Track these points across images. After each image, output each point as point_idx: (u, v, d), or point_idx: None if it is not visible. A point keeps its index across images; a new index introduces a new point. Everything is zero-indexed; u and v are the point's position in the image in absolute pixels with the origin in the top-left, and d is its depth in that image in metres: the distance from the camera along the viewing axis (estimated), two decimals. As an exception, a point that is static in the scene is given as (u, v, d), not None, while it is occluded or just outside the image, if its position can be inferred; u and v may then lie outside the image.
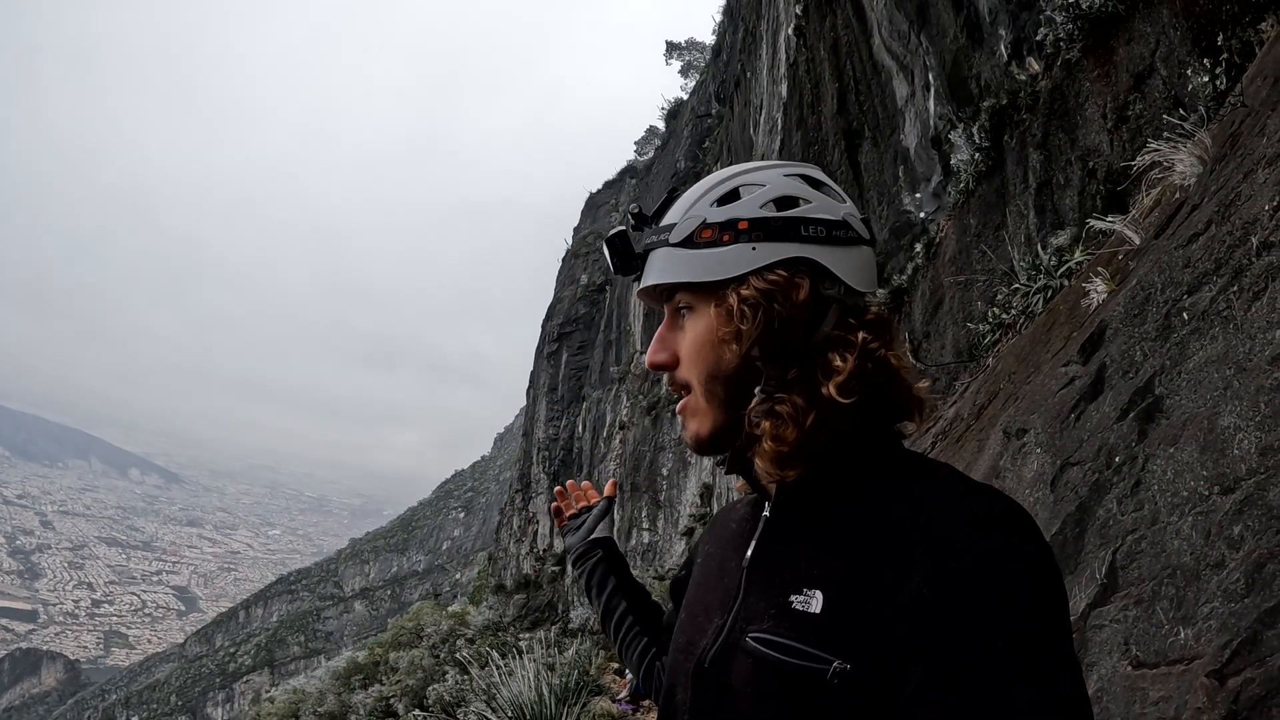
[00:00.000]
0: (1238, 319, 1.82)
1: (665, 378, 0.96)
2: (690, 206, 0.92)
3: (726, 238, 0.89)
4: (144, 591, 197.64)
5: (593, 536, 1.47)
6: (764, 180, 0.92)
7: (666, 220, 0.94)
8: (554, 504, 1.57)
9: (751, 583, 0.90)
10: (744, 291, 0.87)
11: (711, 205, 0.91)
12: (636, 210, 0.98)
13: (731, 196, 0.91)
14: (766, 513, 0.94)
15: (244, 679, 72.76)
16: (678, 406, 0.96)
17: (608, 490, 1.54)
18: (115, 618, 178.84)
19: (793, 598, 0.82)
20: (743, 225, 0.88)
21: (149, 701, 76.23)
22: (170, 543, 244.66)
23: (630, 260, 0.97)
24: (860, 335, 0.87)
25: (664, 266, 0.93)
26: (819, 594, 0.80)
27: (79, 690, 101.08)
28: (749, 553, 0.93)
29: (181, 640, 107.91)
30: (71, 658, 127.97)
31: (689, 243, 0.90)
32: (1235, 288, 1.86)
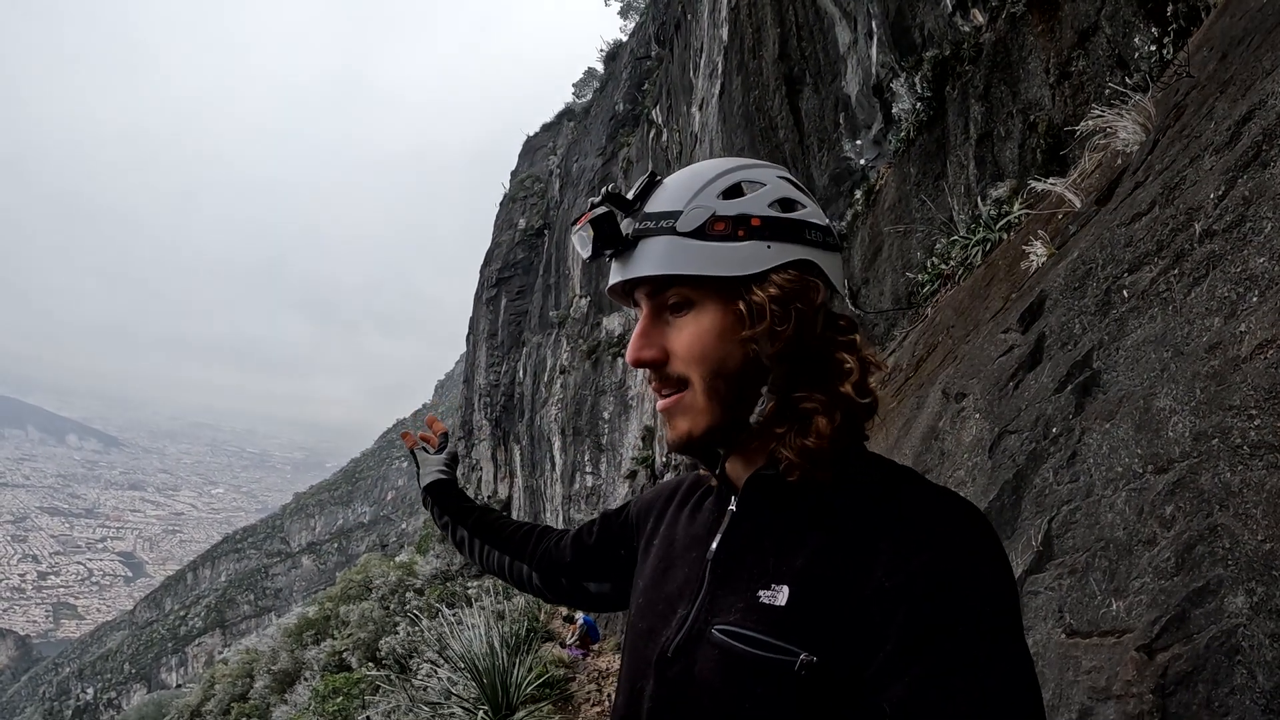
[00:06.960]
0: (1177, 302, 1.82)
1: (644, 374, 0.93)
2: (693, 196, 0.87)
3: (741, 233, 0.86)
4: (90, 560, 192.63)
5: (423, 485, 1.56)
6: (763, 179, 0.90)
7: (661, 207, 0.88)
8: (421, 435, 1.63)
9: (717, 576, 0.91)
10: (769, 290, 0.85)
11: (717, 198, 0.87)
12: (615, 191, 0.91)
13: (735, 191, 0.88)
14: (733, 507, 0.94)
15: (196, 642, 72.14)
16: (662, 404, 0.91)
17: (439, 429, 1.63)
18: (63, 589, 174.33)
19: (761, 593, 0.84)
20: (755, 223, 0.86)
21: (103, 672, 75.04)
22: (113, 508, 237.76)
23: (617, 244, 0.89)
24: (855, 336, 0.89)
25: (668, 257, 0.86)
26: (785, 589, 0.82)
27: (32, 666, 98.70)
28: (714, 545, 0.93)
29: (131, 607, 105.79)
30: (21, 633, 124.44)
31: (700, 234, 0.86)
32: (1176, 271, 1.86)
